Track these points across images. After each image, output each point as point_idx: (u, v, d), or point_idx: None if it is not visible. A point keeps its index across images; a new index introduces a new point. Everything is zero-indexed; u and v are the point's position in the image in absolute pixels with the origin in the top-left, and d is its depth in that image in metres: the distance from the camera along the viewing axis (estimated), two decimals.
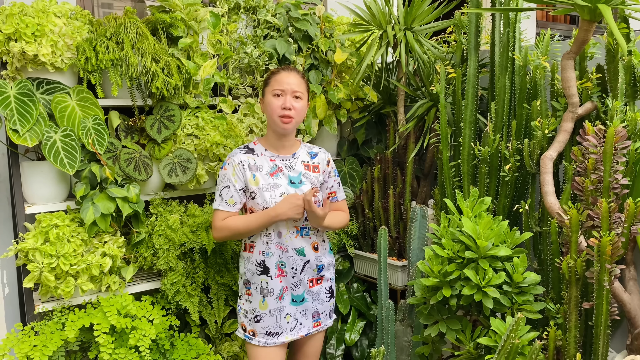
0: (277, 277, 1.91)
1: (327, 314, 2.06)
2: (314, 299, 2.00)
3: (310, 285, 1.98)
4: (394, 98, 2.68)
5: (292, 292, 1.94)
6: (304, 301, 1.97)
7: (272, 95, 1.88)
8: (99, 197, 2.03)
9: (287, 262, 1.91)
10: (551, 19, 5.54)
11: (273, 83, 1.89)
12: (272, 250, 1.90)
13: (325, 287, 2.03)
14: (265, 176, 1.90)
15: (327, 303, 2.05)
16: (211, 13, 2.33)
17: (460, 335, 1.90)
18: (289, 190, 1.90)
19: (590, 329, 1.77)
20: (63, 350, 1.96)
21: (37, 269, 1.91)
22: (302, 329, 1.98)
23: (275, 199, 1.88)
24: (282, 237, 1.90)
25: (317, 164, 2.01)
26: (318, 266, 1.98)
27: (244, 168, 1.90)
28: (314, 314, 2.01)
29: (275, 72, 1.91)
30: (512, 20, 2.06)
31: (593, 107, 1.86)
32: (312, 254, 1.96)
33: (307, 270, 1.95)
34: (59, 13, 2.04)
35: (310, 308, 1.99)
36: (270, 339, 1.92)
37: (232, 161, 1.91)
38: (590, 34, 1.71)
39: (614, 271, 1.59)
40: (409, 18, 2.42)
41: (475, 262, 1.79)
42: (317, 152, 2.04)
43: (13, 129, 1.90)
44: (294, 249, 1.92)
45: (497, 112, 2.09)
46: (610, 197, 1.66)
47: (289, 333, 1.94)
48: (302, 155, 2.00)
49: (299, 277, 1.94)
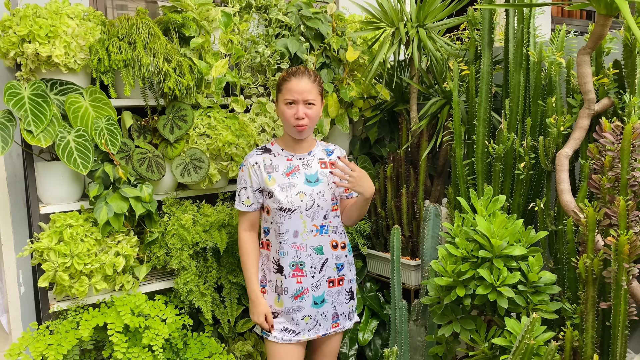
0: (292, 277, 1.92)
1: (346, 315, 2.05)
2: (334, 300, 2.00)
3: (330, 285, 1.98)
4: (406, 96, 2.66)
5: (313, 294, 1.94)
6: (324, 302, 1.97)
7: (284, 104, 1.88)
8: (112, 197, 2.05)
9: (306, 261, 1.92)
10: (567, 14, 5.46)
11: (285, 92, 1.88)
12: (286, 250, 1.91)
13: (345, 288, 2.03)
14: (282, 176, 1.92)
15: (346, 305, 2.04)
16: (223, 12, 2.33)
17: (475, 335, 1.88)
18: (305, 189, 1.91)
19: (607, 330, 1.74)
20: (77, 349, 1.97)
21: (51, 269, 1.93)
22: (320, 329, 1.99)
23: (291, 198, 1.89)
24: (299, 237, 1.91)
25: (333, 161, 2.02)
26: (337, 265, 1.98)
27: (260, 169, 1.93)
28: (333, 315, 2.01)
29: (287, 79, 1.88)
30: (526, 16, 2.03)
31: (610, 104, 1.83)
32: (330, 252, 1.96)
33: (326, 270, 1.96)
34: (72, 14, 2.05)
35: (329, 310, 1.99)
36: (286, 335, 1.93)
37: (247, 163, 1.95)
38: (607, 29, 1.67)
39: (632, 270, 1.56)
40: (422, 15, 2.39)
41: (490, 261, 1.77)
42: (333, 149, 2.06)
43: (27, 129, 1.91)
44: (312, 247, 1.93)
45: (511, 109, 2.06)
46: (628, 194, 1.62)
47: (306, 333, 1.96)
48: (318, 153, 2.00)
49: (318, 277, 1.94)
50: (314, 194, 1.92)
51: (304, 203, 1.90)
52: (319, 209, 1.93)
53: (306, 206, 1.91)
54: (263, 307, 1.94)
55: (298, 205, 1.90)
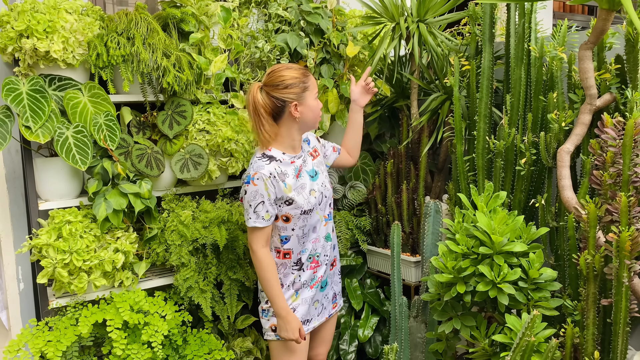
0: (309, 269, 1.95)
1: (340, 294, 2.16)
2: (332, 281, 2.08)
3: (331, 268, 2.05)
4: (407, 91, 2.65)
5: (321, 279, 2.00)
6: (327, 285, 2.04)
7: (314, 99, 1.88)
8: (111, 193, 2.04)
9: (322, 251, 1.98)
10: (568, 9, 5.43)
11: (312, 88, 1.87)
12: (307, 247, 1.94)
13: (338, 267, 2.12)
14: (293, 180, 1.87)
15: (339, 284, 2.16)
16: (222, 7, 2.31)
17: (475, 332, 1.87)
18: (313, 186, 1.92)
19: (608, 327, 1.73)
20: (77, 346, 1.97)
21: (50, 265, 1.92)
22: (325, 312, 2.06)
23: (307, 198, 1.88)
24: (316, 231, 1.95)
25: (314, 148, 2.04)
26: (333, 246, 2.07)
27: (276, 179, 1.81)
28: (333, 296, 2.10)
29: (307, 75, 1.86)
30: (527, 11, 2.01)
31: (612, 99, 1.81)
32: (333, 237, 2.07)
33: (331, 255, 2.04)
34: (70, 9, 2.04)
35: (330, 291, 2.07)
36: (303, 326, 1.92)
37: (261, 175, 1.78)
38: (609, 23, 1.66)
39: (634, 267, 1.55)
40: (422, 10, 2.38)
41: (490, 257, 1.76)
42: (307, 137, 2.04)
43: (26, 125, 1.90)
44: (324, 236, 1.99)
45: (512, 104, 2.05)
46: (630, 191, 1.61)
47: (316, 318, 2.01)
48: (304, 147, 2.01)
49: (327, 263, 2.02)
50: (320, 187, 1.94)
51: (316, 199, 1.92)
52: (326, 199, 1.98)
53: (318, 201, 1.93)
54: (296, 322, 1.85)
55: (314, 203, 1.90)
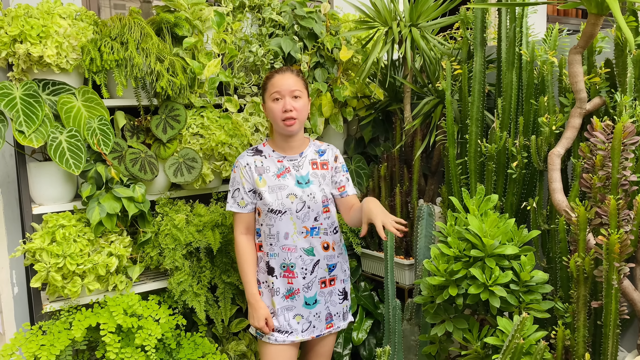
0: (282, 277, 1.92)
1: (340, 315, 2.04)
2: (327, 300, 1.99)
3: (322, 286, 1.97)
4: (400, 95, 2.66)
5: (305, 295, 1.94)
6: (317, 303, 1.96)
7: (271, 100, 1.88)
8: (105, 197, 2.04)
9: (297, 262, 1.91)
10: (562, 13, 5.47)
11: (270, 88, 1.89)
12: (276, 252, 1.92)
13: (338, 288, 2.02)
14: (272, 177, 1.91)
15: (340, 305, 2.03)
16: (216, 12, 2.32)
17: (467, 334, 1.88)
18: (295, 191, 1.90)
19: (599, 329, 1.74)
20: (70, 350, 1.97)
21: (44, 269, 1.92)
22: (314, 330, 1.98)
23: (282, 200, 1.89)
24: (289, 239, 1.90)
25: (325, 161, 2.00)
26: (329, 266, 1.97)
27: (251, 170, 1.92)
28: (327, 316, 2.00)
29: (270, 77, 1.90)
30: (518, 15, 2.03)
31: (601, 103, 1.83)
32: (322, 254, 1.95)
33: (317, 271, 1.95)
34: (64, 14, 2.05)
35: (323, 310, 1.98)
36: (279, 336, 1.93)
37: (239, 164, 1.94)
38: (598, 28, 1.68)
39: (623, 269, 1.56)
40: (415, 14, 2.39)
41: (482, 260, 1.77)
42: (325, 149, 2.03)
43: (19, 130, 1.91)
44: (303, 249, 1.92)
45: (504, 108, 2.06)
46: (619, 194, 1.63)
47: (299, 333, 1.95)
48: (310, 154, 1.99)
49: (310, 278, 1.93)
50: (305, 196, 1.91)
51: (294, 205, 1.90)
52: (310, 210, 1.92)
53: (296, 208, 1.90)
54: (263, 310, 1.92)
55: (288, 207, 1.89)
